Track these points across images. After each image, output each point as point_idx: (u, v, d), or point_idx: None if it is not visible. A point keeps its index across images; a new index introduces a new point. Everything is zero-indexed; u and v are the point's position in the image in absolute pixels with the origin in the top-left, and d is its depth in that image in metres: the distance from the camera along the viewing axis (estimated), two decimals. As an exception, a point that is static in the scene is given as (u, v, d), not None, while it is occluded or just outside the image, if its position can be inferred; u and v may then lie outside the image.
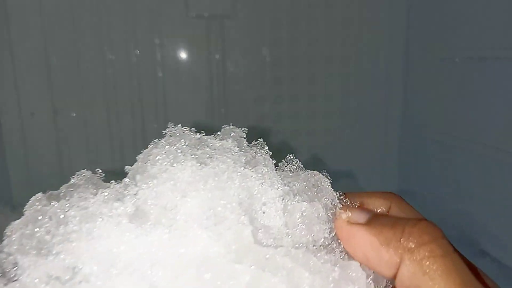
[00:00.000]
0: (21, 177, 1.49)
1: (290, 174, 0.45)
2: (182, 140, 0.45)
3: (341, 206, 0.42)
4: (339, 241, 0.41)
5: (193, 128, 0.48)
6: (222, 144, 0.45)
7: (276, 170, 0.44)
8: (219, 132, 0.49)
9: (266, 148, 0.47)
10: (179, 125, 0.47)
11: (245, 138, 0.48)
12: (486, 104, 1.24)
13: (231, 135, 0.48)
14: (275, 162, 0.46)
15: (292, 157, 0.47)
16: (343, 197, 0.43)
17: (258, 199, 0.40)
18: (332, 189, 0.44)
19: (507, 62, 1.15)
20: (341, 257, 0.40)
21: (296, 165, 0.47)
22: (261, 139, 0.48)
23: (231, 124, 0.50)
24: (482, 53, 1.21)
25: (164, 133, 0.46)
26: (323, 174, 0.44)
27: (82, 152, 1.54)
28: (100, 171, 0.46)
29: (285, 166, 0.47)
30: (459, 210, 1.38)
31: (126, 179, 0.43)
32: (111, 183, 0.43)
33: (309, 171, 0.46)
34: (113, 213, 0.38)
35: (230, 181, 0.40)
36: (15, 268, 0.36)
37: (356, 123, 1.69)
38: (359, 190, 1.45)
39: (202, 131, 0.49)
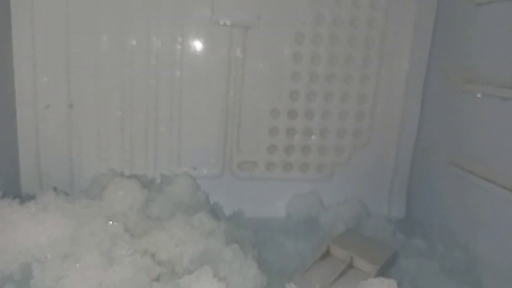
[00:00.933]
0: (31, 170, 1.49)
1: None
2: None
3: None
4: None
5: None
6: None
7: None
8: None
9: None
10: None
11: None
12: (500, 142, 1.22)
13: None
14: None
15: None
16: None
17: None
18: None
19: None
20: None
21: None
22: None
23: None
24: (504, 93, 1.19)
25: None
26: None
27: (92, 149, 1.54)
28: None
29: None
30: (464, 243, 1.36)
31: None
32: None
33: None
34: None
35: None
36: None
37: (369, 144, 1.68)
38: (366, 213, 1.45)
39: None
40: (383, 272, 1.12)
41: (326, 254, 1.21)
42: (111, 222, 1.16)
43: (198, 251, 1.16)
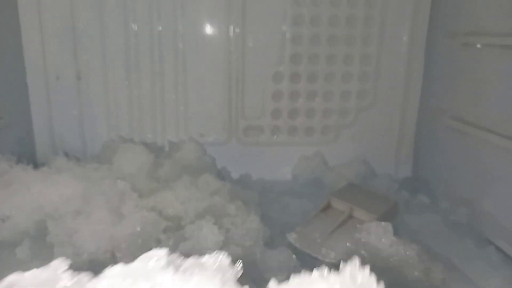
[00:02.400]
0: (45, 137, 1.57)
1: None
2: None
3: None
4: None
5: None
6: None
7: None
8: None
9: None
10: None
11: None
12: (505, 94, 1.21)
13: None
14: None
15: None
16: None
17: None
18: None
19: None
20: None
21: None
22: None
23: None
24: (504, 41, 1.17)
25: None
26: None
27: (102, 117, 1.59)
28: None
29: None
30: (468, 199, 1.36)
31: None
32: None
33: None
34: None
35: None
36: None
37: (374, 106, 1.68)
38: (372, 174, 1.45)
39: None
40: (383, 222, 1.14)
41: (327, 207, 1.24)
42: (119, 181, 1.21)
43: (203, 207, 1.20)
